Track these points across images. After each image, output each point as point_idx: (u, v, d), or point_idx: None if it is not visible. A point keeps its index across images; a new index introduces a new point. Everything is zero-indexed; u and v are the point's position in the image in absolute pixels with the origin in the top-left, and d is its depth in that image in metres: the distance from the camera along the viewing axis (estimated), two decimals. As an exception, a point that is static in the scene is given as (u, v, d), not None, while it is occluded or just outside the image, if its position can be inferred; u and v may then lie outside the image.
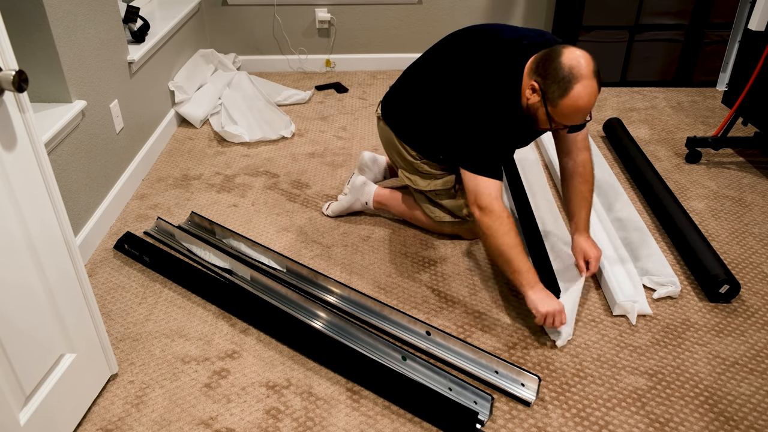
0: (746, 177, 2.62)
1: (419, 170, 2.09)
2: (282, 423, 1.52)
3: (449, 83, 1.85)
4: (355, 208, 2.33)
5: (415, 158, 2.08)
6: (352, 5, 3.67)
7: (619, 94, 3.50)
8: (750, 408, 1.56)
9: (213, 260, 2.05)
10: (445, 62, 1.91)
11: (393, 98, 2.11)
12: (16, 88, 1.14)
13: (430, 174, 2.08)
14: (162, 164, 2.73)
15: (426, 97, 1.95)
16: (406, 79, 2.07)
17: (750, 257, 2.13)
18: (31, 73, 2.00)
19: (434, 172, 2.08)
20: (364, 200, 2.29)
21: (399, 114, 2.07)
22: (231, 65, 3.47)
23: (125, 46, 2.49)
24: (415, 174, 2.11)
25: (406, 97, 2.05)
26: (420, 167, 2.08)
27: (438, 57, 1.96)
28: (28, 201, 1.26)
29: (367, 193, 2.29)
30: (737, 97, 2.68)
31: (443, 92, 1.88)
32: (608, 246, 2.10)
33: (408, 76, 2.07)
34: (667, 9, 3.36)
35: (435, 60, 1.97)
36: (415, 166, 2.09)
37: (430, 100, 1.94)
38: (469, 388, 1.56)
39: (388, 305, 1.83)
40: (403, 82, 2.08)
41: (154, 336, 1.79)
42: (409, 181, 2.13)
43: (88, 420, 1.53)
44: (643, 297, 1.88)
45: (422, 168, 2.08)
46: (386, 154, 2.26)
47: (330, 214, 2.35)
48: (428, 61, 2.00)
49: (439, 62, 1.94)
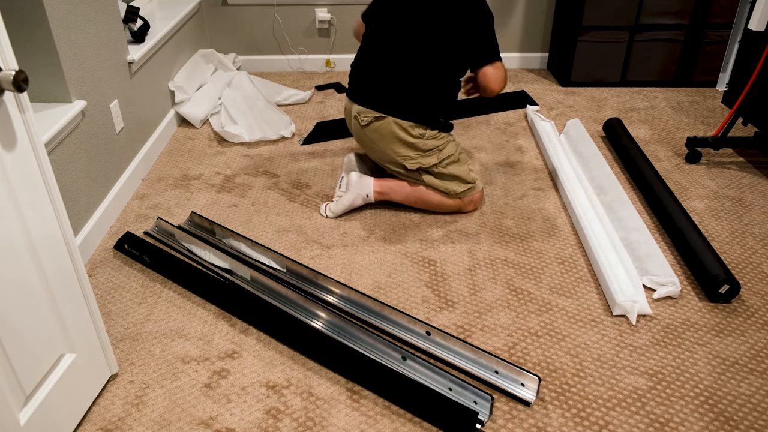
0: (746, 177, 2.62)
1: (424, 149, 2.20)
2: (282, 423, 1.52)
3: (434, 17, 2.10)
4: (356, 205, 2.34)
5: (418, 137, 2.18)
6: (352, 5, 3.67)
7: (619, 94, 3.50)
8: (750, 408, 1.56)
9: (213, 260, 2.05)
10: (412, 15, 2.13)
11: (378, 88, 2.20)
12: (16, 88, 1.14)
13: (435, 147, 2.22)
14: (162, 164, 2.73)
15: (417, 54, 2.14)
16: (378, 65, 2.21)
17: (750, 257, 2.13)
18: (31, 73, 2.00)
19: (438, 144, 2.22)
20: (364, 193, 2.32)
21: (395, 96, 2.18)
22: (231, 65, 3.47)
23: (125, 46, 2.49)
24: (421, 155, 2.22)
25: (393, 76, 2.18)
26: (424, 145, 2.21)
27: (399, 21, 2.16)
28: (28, 201, 1.26)
29: (366, 185, 2.32)
30: (737, 97, 2.68)
31: (433, 29, 2.11)
32: (608, 246, 2.10)
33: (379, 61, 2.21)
34: (667, 9, 3.36)
35: (397, 26, 2.16)
36: (419, 146, 2.20)
37: (422, 51, 2.14)
38: (469, 388, 1.57)
39: (388, 305, 1.83)
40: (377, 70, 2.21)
41: (154, 336, 1.79)
42: (419, 165, 2.22)
43: (88, 420, 1.53)
44: (643, 297, 1.88)
45: (426, 145, 2.21)
46: (377, 159, 2.33)
47: (331, 215, 2.35)
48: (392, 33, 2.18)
49: (405, 22, 2.15)
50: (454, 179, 2.26)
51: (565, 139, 2.94)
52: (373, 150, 2.29)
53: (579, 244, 2.19)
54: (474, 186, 2.30)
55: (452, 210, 2.34)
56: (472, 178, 2.29)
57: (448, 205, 2.32)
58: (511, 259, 2.12)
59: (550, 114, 3.24)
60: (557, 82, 3.68)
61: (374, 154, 2.31)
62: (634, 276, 1.96)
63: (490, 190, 2.52)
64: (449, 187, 2.27)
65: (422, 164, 2.22)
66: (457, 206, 2.32)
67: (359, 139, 2.33)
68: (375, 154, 2.31)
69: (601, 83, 3.58)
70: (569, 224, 2.30)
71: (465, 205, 2.33)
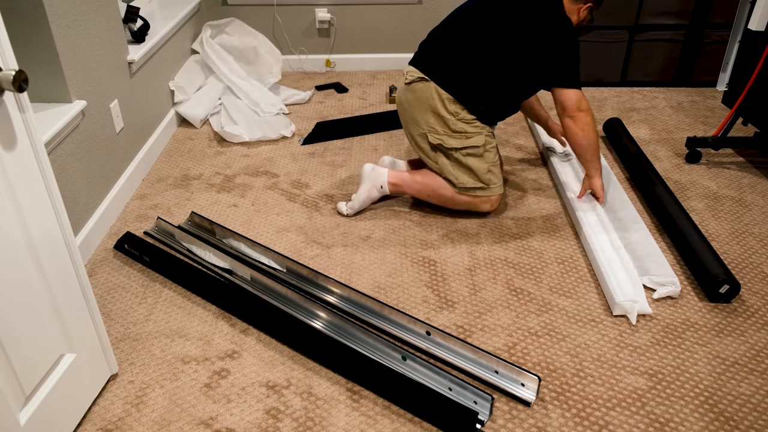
0: (746, 177, 2.62)
1: (453, 128, 2.18)
2: (282, 423, 1.52)
3: (518, 21, 2.11)
4: (373, 197, 2.33)
5: (451, 114, 2.16)
6: (352, 5, 3.67)
7: (619, 94, 3.50)
8: (750, 408, 1.56)
9: (213, 260, 2.05)
10: (502, 7, 2.13)
11: (435, 56, 2.19)
12: (16, 88, 1.14)
13: (463, 132, 2.18)
14: (162, 164, 2.73)
15: (486, 44, 2.12)
16: (448, 36, 2.19)
17: (750, 257, 2.13)
18: (31, 73, 2.00)
19: (467, 130, 2.18)
20: (378, 184, 2.31)
21: (447, 68, 2.16)
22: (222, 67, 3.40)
23: (125, 46, 2.49)
24: (447, 134, 2.19)
25: (455, 51, 2.16)
26: (455, 125, 2.17)
27: (488, 7, 2.16)
28: (28, 201, 1.26)
29: (380, 175, 2.31)
30: (737, 97, 2.68)
31: (512, 31, 2.11)
32: (608, 246, 2.10)
33: (451, 33, 2.19)
34: (667, 9, 3.36)
35: (484, 11, 2.15)
36: (449, 124, 2.17)
37: (492, 45, 2.12)
38: (469, 388, 1.57)
39: (388, 305, 1.83)
40: (445, 40, 2.19)
41: (154, 336, 1.79)
42: (440, 141, 2.19)
43: (88, 420, 1.53)
44: (643, 297, 1.88)
45: (456, 126, 2.17)
46: (407, 130, 2.31)
47: (351, 212, 2.34)
48: (475, 14, 2.17)
49: (492, 10, 2.14)
50: (468, 171, 2.21)
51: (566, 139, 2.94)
52: (407, 115, 2.26)
53: (579, 244, 2.19)
54: (486, 188, 2.24)
55: (466, 207, 2.30)
56: (487, 179, 2.22)
57: (460, 202, 2.27)
58: (511, 259, 2.12)
59: (550, 114, 3.24)
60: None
61: (406, 122, 2.28)
62: (634, 276, 1.96)
63: (490, 190, 2.53)
64: (459, 177, 2.22)
65: (443, 142, 2.18)
66: (471, 204, 2.28)
67: (399, 102, 2.30)
68: (407, 122, 2.28)
69: (601, 83, 3.58)
70: (569, 224, 2.30)
71: (479, 204, 2.27)
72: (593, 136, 2.19)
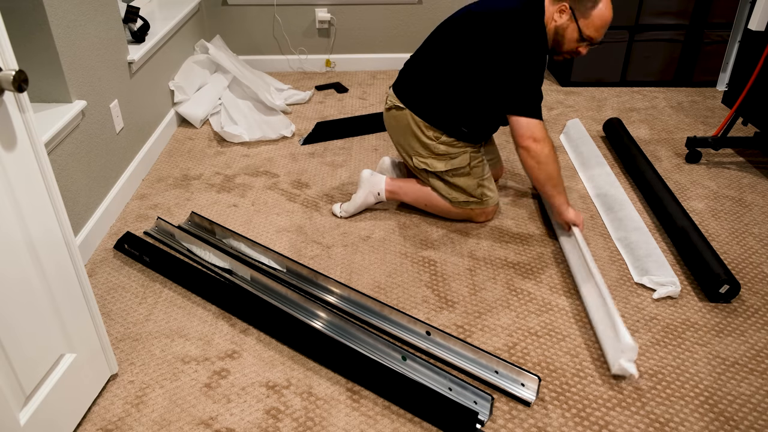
0: (746, 177, 2.62)
1: (435, 152, 2.16)
2: (282, 423, 1.52)
3: (480, 43, 2.00)
4: (369, 203, 2.33)
5: (431, 139, 2.14)
6: (352, 5, 3.67)
7: (619, 94, 3.50)
8: (750, 408, 1.56)
9: (213, 260, 2.05)
10: (466, 30, 2.04)
11: (410, 82, 2.18)
12: (16, 88, 1.14)
13: (447, 154, 2.16)
14: (162, 164, 2.73)
15: (453, 68, 2.06)
16: (421, 61, 2.16)
17: (750, 257, 2.13)
18: (31, 73, 2.00)
19: (451, 152, 2.16)
20: (376, 191, 2.30)
21: (420, 94, 2.14)
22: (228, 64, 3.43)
23: (125, 46, 2.49)
24: (431, 157, 2.18)
25: (427, 76, 2.12)
26: (437, 149, 2.15)
27: (454, 31, 2.08)
28: (28, 201, 1.26)
29: (377, 182, 2.30)
30: (737, 97, 2.68)
31: (475, 54, 2.01)
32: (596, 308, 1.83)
33: (423, 58, 2.15)
34: (667, 9, 3.36)
35: (451, 35, 2.08)
36: (431, 148, 2.16)
37: (458, 69, 2.05)
38: (469, 388, 1.57)
39: (388, 305, 1.83)
40: (418, 65, 2.16)
41: (154, 336, 1.79)
42: (425, 165, 2.18)
43: (88, 420, 1.53)
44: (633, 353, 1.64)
45: (439, 149, 2.16)
46: (396, 147, 2.31)
47: (344, 215, 2.34)
48: (443, 39, 2.10)
49: (457, 34, 2.06)
50: (459, 189, 2.21)
51: (565, 139, 2.94)
52: (393, 138, 2.29)
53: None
54: (479, 201, 2.23)
55: (461, 218, 2.30)
56: (479, 194, 2.21)
57: (455, 213, 2.27)
58: (511, 259, 2.12)
59: (551, 114, 3.24)
60: (557, 81, 3.68)
61: (395, 143, 2.30)
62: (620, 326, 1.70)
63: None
64: (452, 194, 2.21)
65: (428, 166, 2.17)
66: (466, 215, 2.28)
67: (386, 124, 2.30)
68: (395, 143, 2.29)
69: (601, 83, 3.58)
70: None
71: (475, 216, 2.28)
72: (551, 168, 2.00)
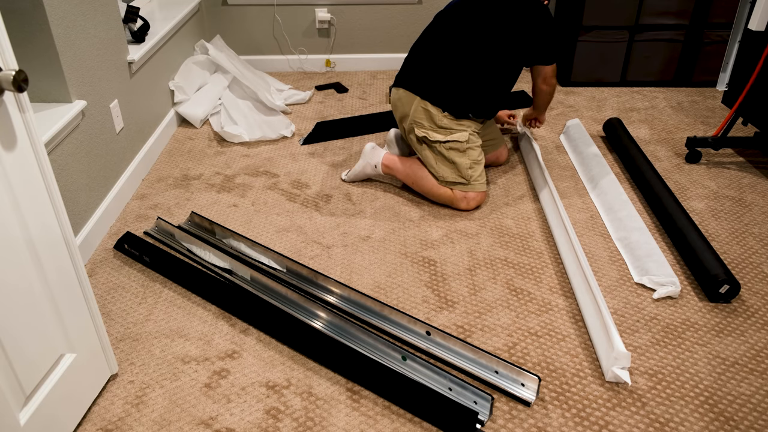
0: (746, 177, 2.62)
1: (438, 123, 2.29)
2: (282, 423, 1.52)
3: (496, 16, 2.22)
4: (367, 173, 2.50)
5: (437, 112, 2.29)
6: (352, 5, 3.67)
7: (619, 94, 3.50)
8: (750, 408, 1.56)
9: (213, 260, 2.05)
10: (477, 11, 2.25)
11: (417, 72, 2.32)
12: (16, 88, 1.14)
13: (449, 128, 2.29)
14: (162, 164, 2.73)
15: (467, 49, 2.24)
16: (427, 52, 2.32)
17: (750, 257, 2.13)
18: (31, 73, 2.00)
19: (452, 128, 2.29)
20: (373, 163, 2.46)
21: (429, 82, 2.29)
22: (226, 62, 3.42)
23: (125, 46, 2.49)
24: (432, 128, 2.30)
25: (437, 64, 2.28)
26: (440, 120, 2.28)
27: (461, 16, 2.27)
28: (28, 201, 1.26)
29: (376, 155, 2.46)
30: (737, 97, 2.68)
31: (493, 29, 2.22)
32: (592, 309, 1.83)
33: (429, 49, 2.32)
34: (667, 9, 3.36)
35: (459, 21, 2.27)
36: (435, 119, 2.29)
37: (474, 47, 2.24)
38: (469, 388, 1.57)
39: (388, 305, 1.83)
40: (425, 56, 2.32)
41: (154, 336, 1.79)
42: (425, 134, 2.30)
43: (88, 420, 1.53)
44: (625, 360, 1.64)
45: (442, 122, 2.28)
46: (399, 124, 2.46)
47: (346, 179, 2.56)
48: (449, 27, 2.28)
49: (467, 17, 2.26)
50: (450, 165, 2.30)
51: (565, 139, 2.94)
52: (398, 113, 2.42)
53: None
54: (467, 183, 2.32)
55: (443, 201, 2.37)
56: (468, 175, 2.30)
57: (438, 194, 2.36)
58: (511, 259, 2.12)
59: (550, 114, 3.24)
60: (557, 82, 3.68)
61: (399, 120, 2.44)
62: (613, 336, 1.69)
63: (490, 190, 2.52)
64: (440, 170, 2.32)
65: (428, 135, 2.30)
66: (449, 198, 2.35)
67: (393, 102, 2.44)
68: (400, 120, 2.43)
69: (601, 83, 3.58)
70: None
71: (457, 200, 2.34)
72: (553, 93, 2.49)
